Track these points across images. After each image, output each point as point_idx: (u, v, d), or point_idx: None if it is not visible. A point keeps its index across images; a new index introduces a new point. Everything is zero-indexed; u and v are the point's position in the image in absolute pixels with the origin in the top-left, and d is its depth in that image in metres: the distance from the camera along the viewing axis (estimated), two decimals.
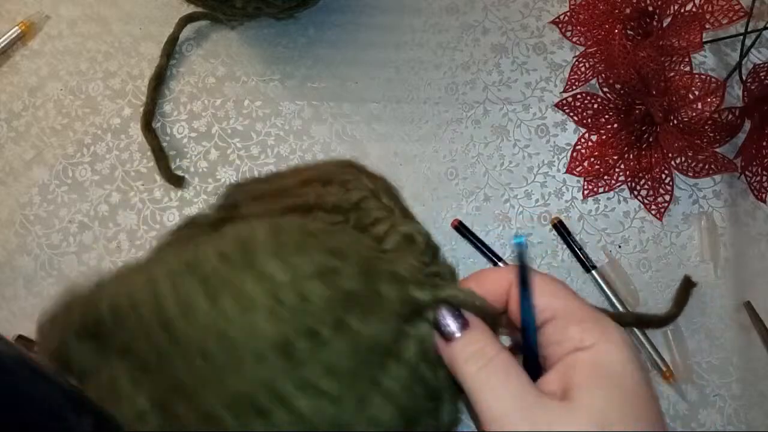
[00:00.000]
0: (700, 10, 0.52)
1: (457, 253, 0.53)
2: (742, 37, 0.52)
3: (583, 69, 0.55)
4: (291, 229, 0.26)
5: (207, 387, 0.23)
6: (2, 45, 0.56)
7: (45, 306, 0.28)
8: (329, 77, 0.57)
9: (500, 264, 0.52)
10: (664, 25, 0.54)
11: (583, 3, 0.56)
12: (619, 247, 0.53)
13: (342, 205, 0.29)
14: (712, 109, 0.49)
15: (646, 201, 0.53)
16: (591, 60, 0.55)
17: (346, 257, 0.25)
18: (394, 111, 0.56)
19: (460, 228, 0.53)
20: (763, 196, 0.53)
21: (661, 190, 0.53)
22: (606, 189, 0.54)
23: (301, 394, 0.23)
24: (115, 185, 0.55)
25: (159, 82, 0.56)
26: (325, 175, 0.31)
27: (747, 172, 0.53)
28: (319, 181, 0.31)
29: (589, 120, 0.55)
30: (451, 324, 0.27)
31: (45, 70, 0.57)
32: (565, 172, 0.54)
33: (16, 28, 0.57)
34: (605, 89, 0.54)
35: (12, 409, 0.17)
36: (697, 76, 0.50)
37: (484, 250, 0.52)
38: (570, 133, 0.55)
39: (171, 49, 0.56)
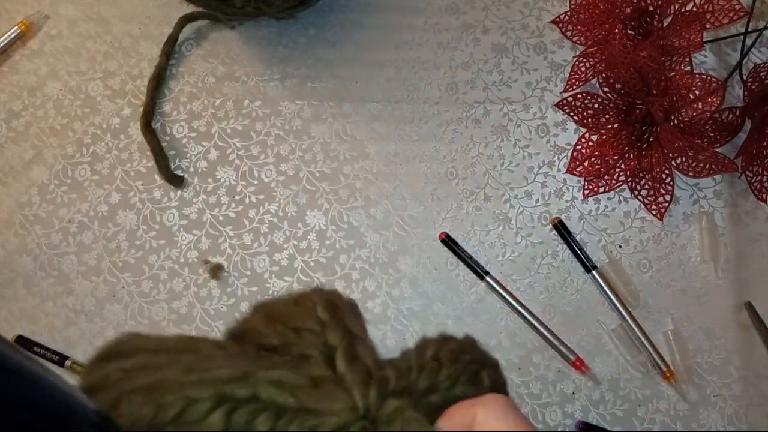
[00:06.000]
0: (701, 10, 0.52)
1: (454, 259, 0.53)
2: (742, 36, 0.52)
3: (583, 69, 0.55)
4: None
5: None
6: (2, 45, 0.56)
7: (44, 306, 0.28)
8: (329, 77, 0.57)
9: (487, 278, 0.52)
10: (665, 24, 0.53)
11: (584, 3, 0.56)
12: (620, 247, 0.53)
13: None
14: (713, 108, 0.49)
15: (646, 201, 0.53)
16: (591, 60, 0.55)
17: None
18: (394, 111, 0.56)
19: (447, 242, 0.53)
20: (764, 196, 0.53)
21: (662, 190, 0.53)
22: (606, 189, 0.54)
23: None
24: (114, 185, 0.55)
25: (158, 81, 0.56)
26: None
27: (747, 172, 0.53)
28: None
29: (590, 120, 0.55)
30: None
31: (45, 69, 0.57)
32: (566, 172, 0.54)
33: (16, 27, 0.57)
34: (605, 89, 0.54)
35: (11, 410, 0.17)
36: (697, 75, 0.50)
37: (471, 263, 0.52)
38: (570, 133, 0.55)
39: (170, 49, 0.56)
